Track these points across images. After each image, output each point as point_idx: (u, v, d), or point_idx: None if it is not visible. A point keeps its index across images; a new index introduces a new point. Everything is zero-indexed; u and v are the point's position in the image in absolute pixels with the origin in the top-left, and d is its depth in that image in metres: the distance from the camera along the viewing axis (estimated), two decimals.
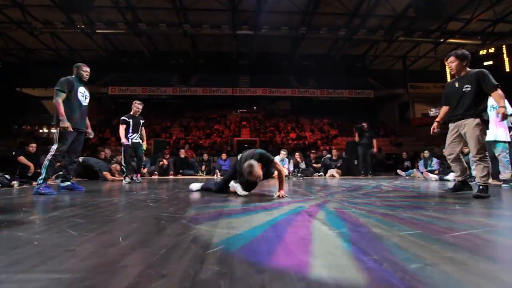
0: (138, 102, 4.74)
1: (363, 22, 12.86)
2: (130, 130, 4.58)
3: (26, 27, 12.70)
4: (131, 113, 4.66)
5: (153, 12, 12.69)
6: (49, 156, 2.85)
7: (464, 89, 2.47)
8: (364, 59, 18.05)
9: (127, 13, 12.39)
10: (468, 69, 2.53)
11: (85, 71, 3.16)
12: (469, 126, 2.42)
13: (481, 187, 2.39)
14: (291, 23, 13.42)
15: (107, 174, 5.02)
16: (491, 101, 2.94)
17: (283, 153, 6.87)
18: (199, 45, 16.33)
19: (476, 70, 2.47)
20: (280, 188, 2.49)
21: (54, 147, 2.87)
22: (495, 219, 1.46)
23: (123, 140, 4.50)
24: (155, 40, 16.00)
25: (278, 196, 2.40)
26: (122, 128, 4.54)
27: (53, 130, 16.20)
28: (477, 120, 2.39)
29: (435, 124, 2.77)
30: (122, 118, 4.60)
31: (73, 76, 3.10)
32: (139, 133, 4.71)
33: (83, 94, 3.13)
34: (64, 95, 2.90)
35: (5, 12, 11.87)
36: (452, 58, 2.54)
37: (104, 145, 10.68)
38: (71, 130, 2.87)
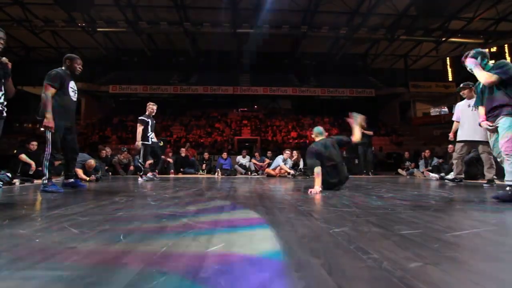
0: (152, 103, 4.77)
1: (364, 21, 12.81)
2: (149, 130, 4.63)
3: (27, 25, 12.71)
4: (147, 113, 4.70)
5: (153, 10, 12.67)
6: (47, 156, 2.75)
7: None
8: (365, 58, 18.01)
9: (128, 11, 12.38)
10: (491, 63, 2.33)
11: (79, 64, 2.98)
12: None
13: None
14: (292, 22, 13.38)
15: (78, 171, 4.53)
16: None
17: (287, 152, 6.82)
18: (199, 43, 16.31)
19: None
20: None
21: (49, 147, 2.74)
22: (496, 219, 1.45)
23: (138, 142, 4.45)
24: (155, 39, 15.98)
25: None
26: (140, 129, 4.48)
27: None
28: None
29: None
30: (141, 118, 4.56)
31: (63, 68, 2.89)
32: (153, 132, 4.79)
33: (73, 89, 2.94)
34: (54, 90, 2.72)
35: (5, 10, 11.87)
36: (462, 59, 2.43)
37: (105, 143, 10.68)
38: (53, 131, 2.68)
